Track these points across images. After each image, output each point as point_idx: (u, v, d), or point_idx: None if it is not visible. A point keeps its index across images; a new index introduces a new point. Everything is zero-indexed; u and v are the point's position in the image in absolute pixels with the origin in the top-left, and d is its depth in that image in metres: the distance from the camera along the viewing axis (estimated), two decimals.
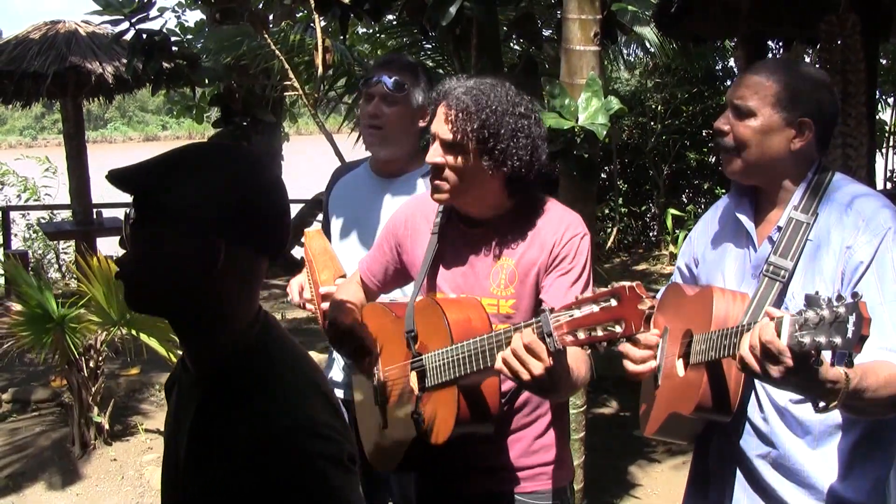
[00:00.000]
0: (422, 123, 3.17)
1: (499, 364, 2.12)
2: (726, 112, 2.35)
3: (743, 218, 2.41)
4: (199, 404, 1.64)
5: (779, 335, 1.84)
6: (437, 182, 2.49)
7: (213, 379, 1.64)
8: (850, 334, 1.72)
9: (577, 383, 2.38)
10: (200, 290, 1.59)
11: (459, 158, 2.43)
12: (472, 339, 2.26)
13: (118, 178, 1.62)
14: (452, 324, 2.37)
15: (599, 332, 1.88)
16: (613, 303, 1.86)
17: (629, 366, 2.46)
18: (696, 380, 2.27)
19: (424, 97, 3.13)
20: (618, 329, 1.85)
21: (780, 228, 2.30)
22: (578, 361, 2.35)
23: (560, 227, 2.51)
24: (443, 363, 2.36)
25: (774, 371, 1.88)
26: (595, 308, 1.89)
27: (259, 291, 1.70)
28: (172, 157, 1.65)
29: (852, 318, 1.72)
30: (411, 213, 2.77)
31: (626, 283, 1.86)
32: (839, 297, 1.76)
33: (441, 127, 2.45)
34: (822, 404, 1.95)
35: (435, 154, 2.46)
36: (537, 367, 2.04)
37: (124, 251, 1.64)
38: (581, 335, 1.91)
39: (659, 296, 2.73)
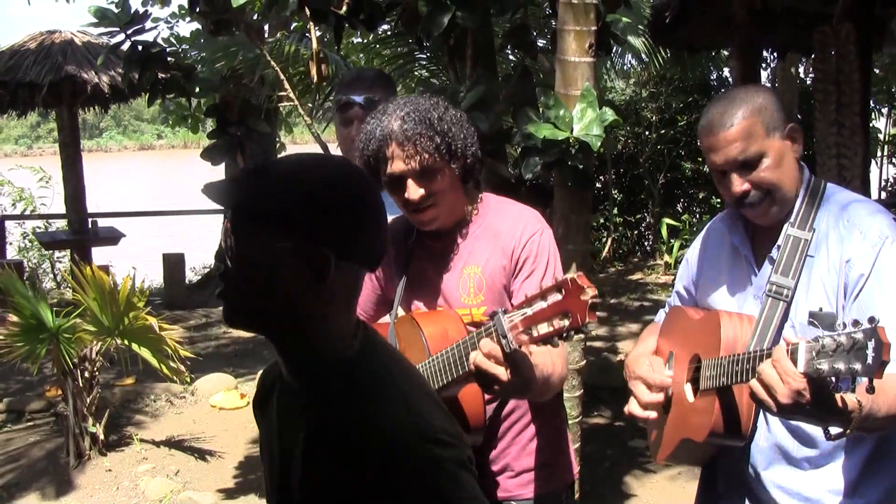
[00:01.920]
0: None
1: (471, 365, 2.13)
2: (730, 177, 2.25)
3: (739, 244, 2.39)
4: (312, 418, 1.60)
5: (795, 362, 1.82)
6: (423, 215, 2.48)
7: (324, 391, 1.60)
8: (870, 360, 1.68)
9: (552, 380, 2.36)
10: (307, 303, 1.57)
11: (437, 178, 2.44)
12: (444, 350, 2.28)
13: (215, 191, 1.60)
14: (428, 337, 2.40)
15: (550, 328, 1.88)
16: (558, 296, 1.87)
17: (634, 408, 2.43)
18: (707, 406, 2.23)
19: None
20: (565, 322, 1.85)
21: (778, 247, 2.27)
22: (554, 356, 2.33)
23: (517, 228, 2.52)
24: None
25: (789, 399, 1.85)
26: (544, 304, 1.89)
27: (357, 303, 1.70)
28: (270, 165, 1.63)
29: (871, 344, 1.69)
30: None
31: (569, 276, 1.87)
32: (856, 322, 1.73)
33: (404, 165, 2.41)
34: (835, 432, 1.92)
35: (415, 191, 2.43)
36: (503, 374, 2.05)
37: (224, 266, 1.59)
38: (535, 332, 1.91)
39: (659, 319, 2.72)
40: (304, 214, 1.53)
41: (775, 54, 11.22)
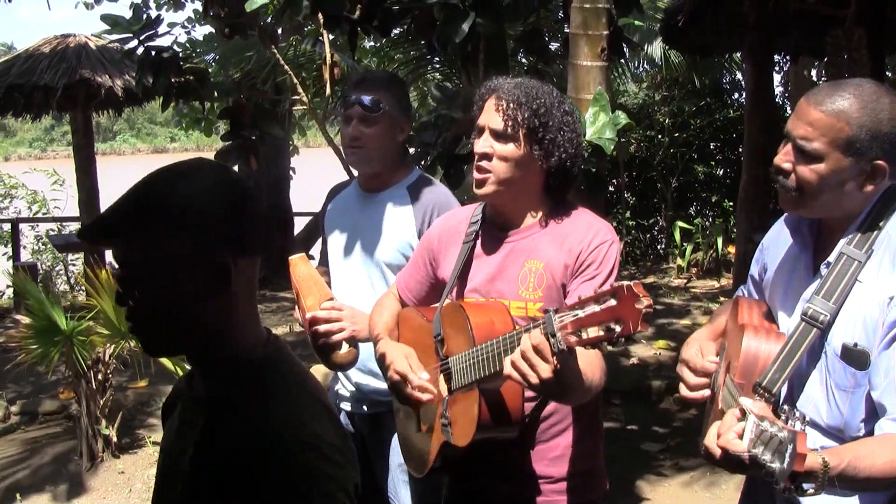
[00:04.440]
0: (401, 137, 3.21)
1: (508, 368, 2.12)
2: (787, 148, 2.10)
3: (800, 247, 2.24)
4: (206, 418, 1.60)
5: (742, 435, 1.77)
6: (481, 175, 2.53)
7: (221, 393, 1.60)
8: (785, 464, 1.63)
9: (590, 388, 2.35)
10: (213, 310, 1.56)
11: (510, 146, 2.49)
12: (491, 341, 2.28)
13: (93, 231, 1.56)
14: (475, 326, 2.39)
15: (600, 332, 1.88)
16: (613, 302, 1.86)
17: (683, 391, 2.36)
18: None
19: (402, 110, 3.18)
20: (617, 328, 1.85)
21: (829, 264, 2.10)
22: (592, 366, 2.33)
23: (588, 233, 2.52)
24: (465, 365, 2.38)
25: (734, 468, 1.82)
26: (596, 308, 1.89)
27: (256, 301, 1.68)
28: (142, 189, 1.57)
29: (790, 449, 1.63)
30: (444, 227, 2.81)
31: (625, 283, 1.86)
32: (790, 417, 1.68)
33: (492, 118, 2.51)
34: (804, 488, 1.80)
35: (484, 144, 2.52)
36: (545, 370, 2.04)
37: (129, 307, 1.57)
38: (584, 335, 1.91)
39: (739, 293, 2.60)
40: (193, 226, 1.51)
41: (788, 57, 11.21)
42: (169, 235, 1.51)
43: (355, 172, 3.39)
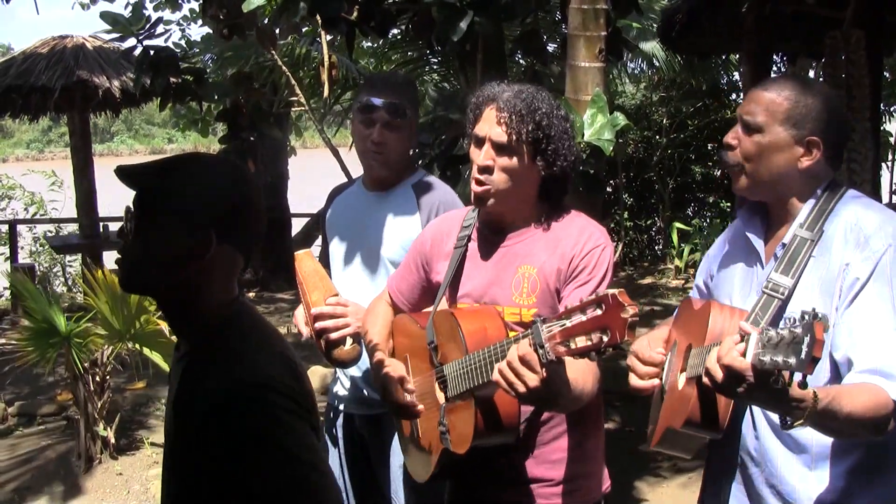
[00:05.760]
0: (414, 139, 3.22)
1: (496, 376, 2.13)
2: (736, 126, 2.34)
3: (752, 236, 2.38)
4: (180, 376, 1.85)
5: (745, 353, 1.84)
6: (481, 188, 2.50)
7: (193, 352, 1.85)
8: (802, 355, 1.69)
9: (581, 396, 2.34)
10: (189, 276, 1.80)
11: (513, 160, 2.46)
12: (483, 350, 2.27)
13: (126, 174, 1.84)
14: (467, 334, 2.38)
15: (588, 342, 1.87)
16: (598, 311, 1.86)
17: (634, 380, 2.44)
18: (689, 394, 2.24)
19: (417, 114, 3.18)
20: (604, 338, 1.84)
21: (784, 245, 2.27)
22: (584, 373, 2.32)
23: (581, 237, 2.51)
24: (459, 374, 2.37)
25: (736, 387, 1.88)
26: (583, 317, 1.88)
27: (235, 283, 1.92)
28: (176, 160, 1.90)
29: (807, 339, 1.70)
30: (437, 230, 2.80)
31: (610, 291, 1.86)
32: (803, 316, 1.74)
33: (493, 129, 2.47)
34: (788, 420, 1.93)
35: (487, 156, 2.48)
36: (532, 379, 2.05)
37: (125, 242, 1.85)
38: (572, 345, 1.90)
39: (676, 311, 2.71)
40: (200, 202, 1.80)
41: (786, 59, 11.21)
42: (177, 203, 1.79)
43: (354, 173, 3.38)
